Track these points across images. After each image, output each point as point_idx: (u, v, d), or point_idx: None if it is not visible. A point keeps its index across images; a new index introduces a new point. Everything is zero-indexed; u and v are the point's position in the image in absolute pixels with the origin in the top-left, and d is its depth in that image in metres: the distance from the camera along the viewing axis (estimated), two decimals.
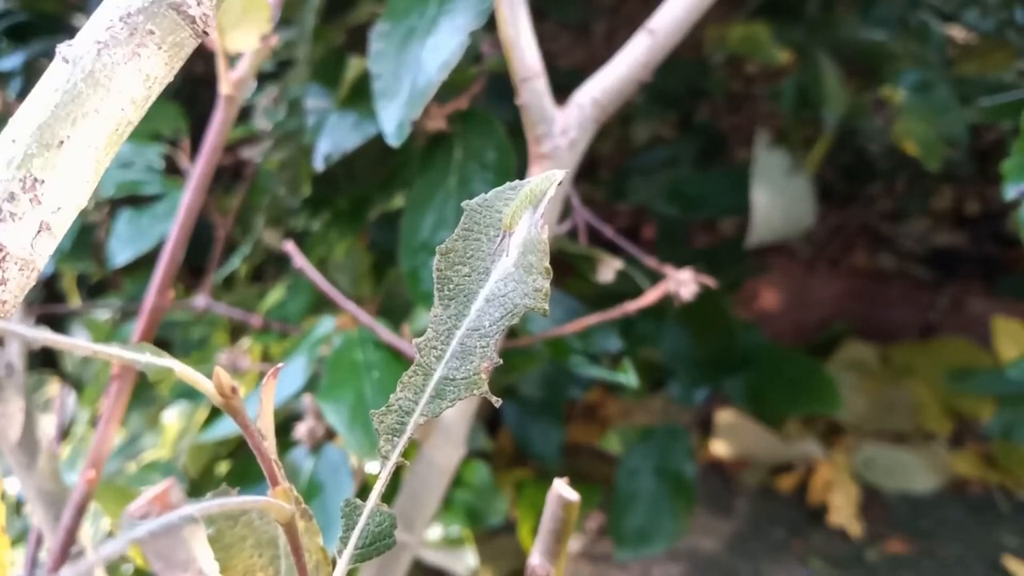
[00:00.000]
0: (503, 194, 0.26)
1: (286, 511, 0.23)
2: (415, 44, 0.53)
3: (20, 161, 0.22)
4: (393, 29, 0.55)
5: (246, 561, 0.26)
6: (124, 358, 0.21)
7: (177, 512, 0.19)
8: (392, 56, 0.54)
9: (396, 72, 0.53)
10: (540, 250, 0.25)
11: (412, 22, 0.54)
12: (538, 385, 0.96)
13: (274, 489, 0.24)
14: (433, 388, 0.25)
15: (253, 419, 0.24)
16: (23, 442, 0.50)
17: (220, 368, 0.22)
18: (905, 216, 1.53)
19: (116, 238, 0.78)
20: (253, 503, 0.23)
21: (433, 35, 0.52)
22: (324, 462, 0.59)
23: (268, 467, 0.23)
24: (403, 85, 0.53)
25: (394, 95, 0.53)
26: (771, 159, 1.09)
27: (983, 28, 0.97)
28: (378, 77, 0.54)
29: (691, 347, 1.03)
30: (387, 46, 0.55)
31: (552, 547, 0.30)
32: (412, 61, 0.53)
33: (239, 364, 0.71)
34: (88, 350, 0.21)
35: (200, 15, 0.24)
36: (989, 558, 1.17)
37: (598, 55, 0.61)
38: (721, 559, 1.21)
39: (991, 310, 1.31)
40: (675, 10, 0.54)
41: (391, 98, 0.53)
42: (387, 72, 0.54)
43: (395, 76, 0.53)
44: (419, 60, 0.52)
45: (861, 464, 1.34)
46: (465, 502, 0.81)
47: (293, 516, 0.24)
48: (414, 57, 0.53)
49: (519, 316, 0.25)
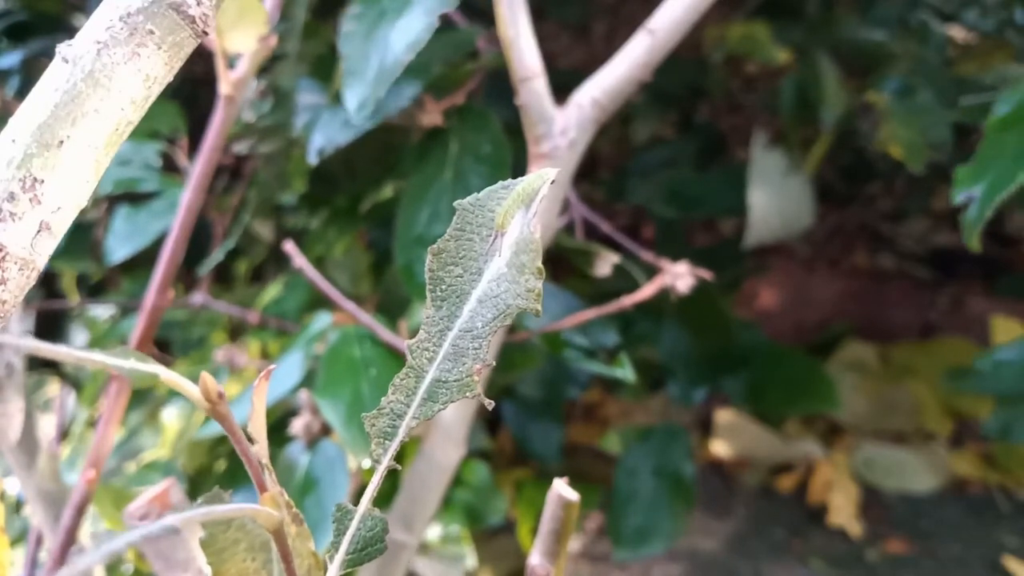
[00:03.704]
0: (496, 193, 0.26)
1: (274, 518, 0.23)
2: (384, 26, 0.54)
3: (20, 161, 0.22)
4: (365, 11, 0.56)
5: (239, 565, 0.26)
6: (108, 365, 0.21)
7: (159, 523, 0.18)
8: (361, 37, 0.55)
9: (364, 52, 0.54)
10: (533, 250, 0.24)
11: (384, 4, 0.55)
12: (537, 385, 0.96)
13: (262, 495, 0.23)
14: (425, 390, 0.25)
15: (246, 419, 0.23)
16: (23, 442, 0.50)
17: (206, 374, 0.22)
18: (905, 216, 1.53)
19: (114, 235, 0.78)
20: (240, 511, 0.23)
21: (404, 17, 0.53)
22: (320, 458, 0.59)
23: (255, 473, 0.23)
24: (370, 65, 0.53)
25: (361, 74, 0.54)
26: (769, 159, 1.09)
27: (983, 28, 0.97)
28: (346, 58, 0.55)
29: (690, 346, 1.03)
30: (357, 27, 0.55)
31: (552, 547, 0.30)
32: (380, 42, 0.53)
33: (236, 361, 0.71)
34: (73, 357, 0.20)
35: (200, 15, 0.24)
36: (989, 558, 1.17)
37: (598, 55, 0.61)
38: (721, 559, 1.21)
39: (991, 310, 1.31)
40: (675, 10, 0.54)
41: (357, 77, 0.54)
42: (355, 53, 0.55)
43: (363, 56, 0.54)
44: (387, 40, 0.53)
45: (861, 464, 1.34)
46: (464, 501, 0.81)
47: (282, 523, 0.23)
48: (383, 38, 0.53)
49: (512, 317, 0.24)
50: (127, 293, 0.97)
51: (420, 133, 0.65)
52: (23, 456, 0.50)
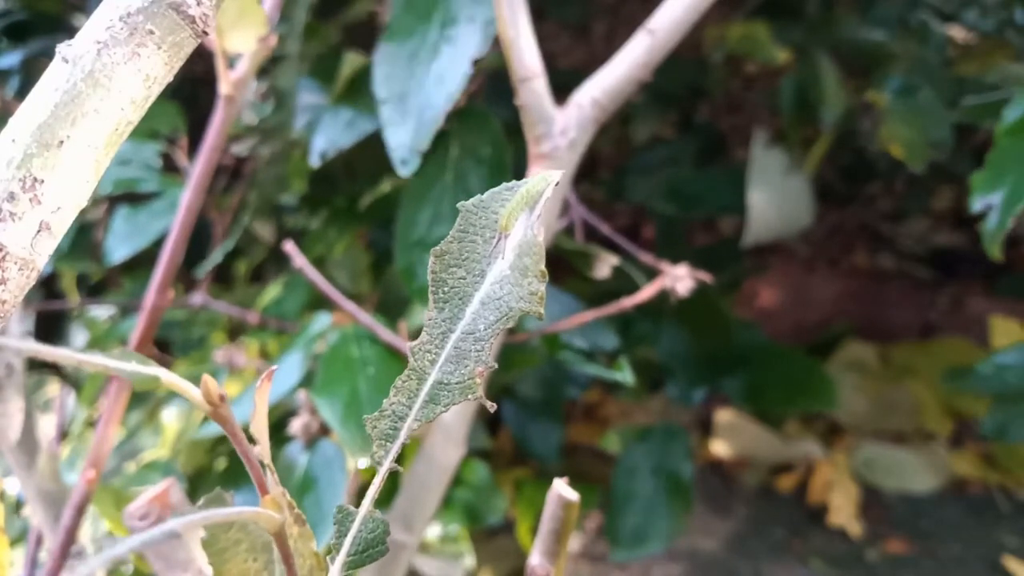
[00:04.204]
0: (499, 195, 0.25)
1: (275, 521, 0.23)
2: (420, 69, 0.54)
3: (20, 161, 0.22)
4: (397, 51, 0.56)
5: (240, 566, 0.26)
6: (109, 367, 0.21)
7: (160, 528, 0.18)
8: (397, 81, 0.55)
9: (402, 98, 0.55)
10: (536, 253, 0.24)
11: (414, 45, 0.55)
12: (537, 385, 0.96)
13: (264, 498, 0.23)
14: (427, 393, 0.25)
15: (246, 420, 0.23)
16: (23, 442, 0.50)
17: (207, 376, 0.21)
18: (905, 216, 1.53)
19: (113, 235, 0.78)
20: (240, 514, 0.23)
21: (436, 61, 0.52)
22: (319, 457, 0.59)
23: (257, 475, 0.23)
24: (410, 113, 0.54)
25: (401, 123, 0.55)
26: (768, 158, 1.09)
27: (983, 28, 0.97)
28: (384, 102, 0.55)
29: (689, 347, 1.03)
30: (392, 70, 0.55)
31: (552, 547, 0.30)
32: (417, 89, 0.53)
33: (236, 361, 0.71)
34: (73, 360, 0.20)
35: (200, 15, 0.24)
36: (989, 558, 1.17)
37: (598, 55, 0.61)
38: (721, 559, 1.21)
39: (991, 310, 1.31)
40: (675, 10, 0.54)
41: (398, 126, 0.55)
42: (393, 97, 0.55)
43: (401, 102, 0.55)
44: (424, 88, 0.53)
45: (861, 464, 1.34)
46: (464, 501, 0.81)
47: (283, 525, 0.23)
48: (419, 84, 0.54)
49: (515, 320, 0.24)
50: (127, 293, 0.97)
51: None
52: (23, 456, 0.50)
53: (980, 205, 0.54)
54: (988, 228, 0.53)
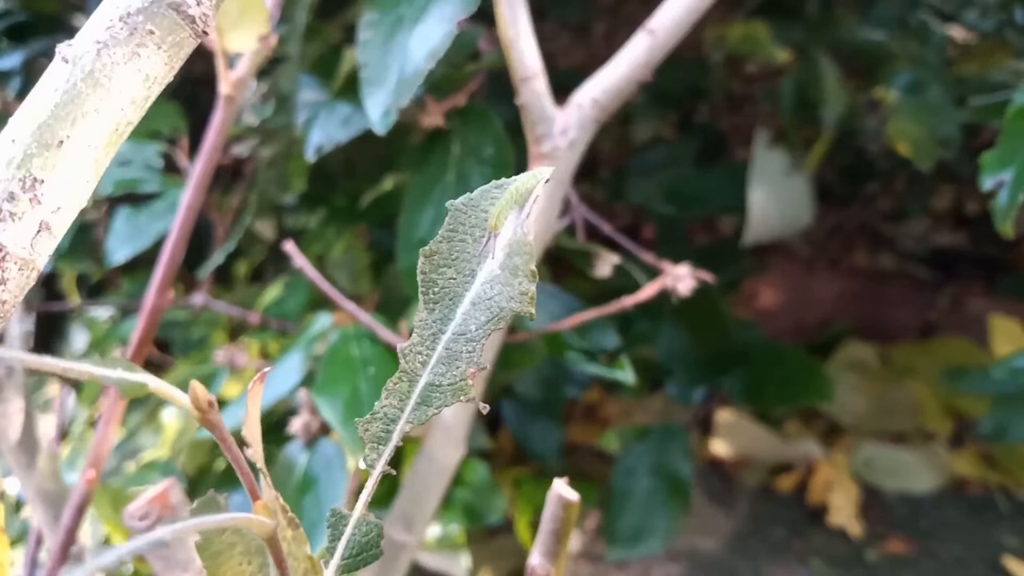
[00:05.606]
0: (489, 193, 0.25)
1: (267, 527, 0.23)
2: (403, 33, 0.53)
3: (20, 161, 0.22)
4: (381, 18, 0.55)
5: (235, 569, 0.26)
6: (95, 375, 0.21)
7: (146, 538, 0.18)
8: (379, 45, 0.54)
9: (383, 61, 0.53)
10: (526, 252, 0.24)
11: (401, 11, 0.54)
12: (537, 385, 0.96)
13: (255, 503, 0.23)
14: (419, 395, 0.24)
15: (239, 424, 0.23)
16: (23, 442, 0.50)
17: (195, 382, 0.21)
18: (905, 216, 1.52)
19: (114, 236, 0.78)
20: (232, 521, 0.22)
21: (421, 23, 0.52)
22: (318, 457, 0.59)
23: (248, 481, 0.23)
24: (390, 74, 0.53)
25: (381, 83, 0.53)
26: (770, 158, 1.09)
27: (983, 28, 0.97)
28: (365, 66, 0.54)
29: (688, 346, 1.03)
30: (375, 35, 0.54)
31: (552, 547, 0.30)
32: (399, 50, 0.52)
33: (236, 361, 0.71)
34: (58, 368, 0.20)
35: (200, 15, 0.24)
36: (989, 558, 1.17)
37: (598, 55, 0.61)
38: (721, 559, 1.21)
39: (991, 310, 1.30)
40: (675, 10, 0.54)
41: (378, 86, 0.53)
42: (374, 61, 0.54)
43: (382, 65, 0.53)
44: (406, 49, 0.52)
45: (861, 464, 1.34)
46: (464, 501, 0.81)
47: (275, 531, 0.23)
48: (401, 46, 0.52)
49: (506, 320, 0.24)
50: (127, 294, 0.97)
51: (422, 134, 0.65)
52: (23, 456, 0.50)
53: (991, 183, 0.54)
54: (1000, 205, 0.54)
